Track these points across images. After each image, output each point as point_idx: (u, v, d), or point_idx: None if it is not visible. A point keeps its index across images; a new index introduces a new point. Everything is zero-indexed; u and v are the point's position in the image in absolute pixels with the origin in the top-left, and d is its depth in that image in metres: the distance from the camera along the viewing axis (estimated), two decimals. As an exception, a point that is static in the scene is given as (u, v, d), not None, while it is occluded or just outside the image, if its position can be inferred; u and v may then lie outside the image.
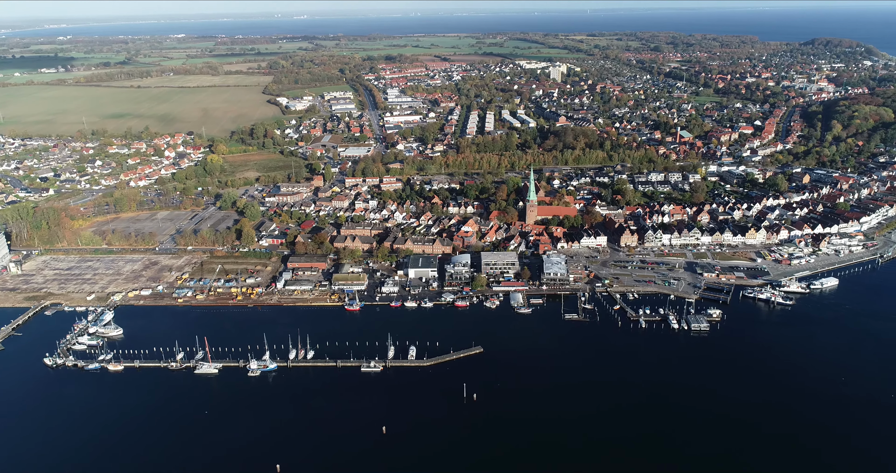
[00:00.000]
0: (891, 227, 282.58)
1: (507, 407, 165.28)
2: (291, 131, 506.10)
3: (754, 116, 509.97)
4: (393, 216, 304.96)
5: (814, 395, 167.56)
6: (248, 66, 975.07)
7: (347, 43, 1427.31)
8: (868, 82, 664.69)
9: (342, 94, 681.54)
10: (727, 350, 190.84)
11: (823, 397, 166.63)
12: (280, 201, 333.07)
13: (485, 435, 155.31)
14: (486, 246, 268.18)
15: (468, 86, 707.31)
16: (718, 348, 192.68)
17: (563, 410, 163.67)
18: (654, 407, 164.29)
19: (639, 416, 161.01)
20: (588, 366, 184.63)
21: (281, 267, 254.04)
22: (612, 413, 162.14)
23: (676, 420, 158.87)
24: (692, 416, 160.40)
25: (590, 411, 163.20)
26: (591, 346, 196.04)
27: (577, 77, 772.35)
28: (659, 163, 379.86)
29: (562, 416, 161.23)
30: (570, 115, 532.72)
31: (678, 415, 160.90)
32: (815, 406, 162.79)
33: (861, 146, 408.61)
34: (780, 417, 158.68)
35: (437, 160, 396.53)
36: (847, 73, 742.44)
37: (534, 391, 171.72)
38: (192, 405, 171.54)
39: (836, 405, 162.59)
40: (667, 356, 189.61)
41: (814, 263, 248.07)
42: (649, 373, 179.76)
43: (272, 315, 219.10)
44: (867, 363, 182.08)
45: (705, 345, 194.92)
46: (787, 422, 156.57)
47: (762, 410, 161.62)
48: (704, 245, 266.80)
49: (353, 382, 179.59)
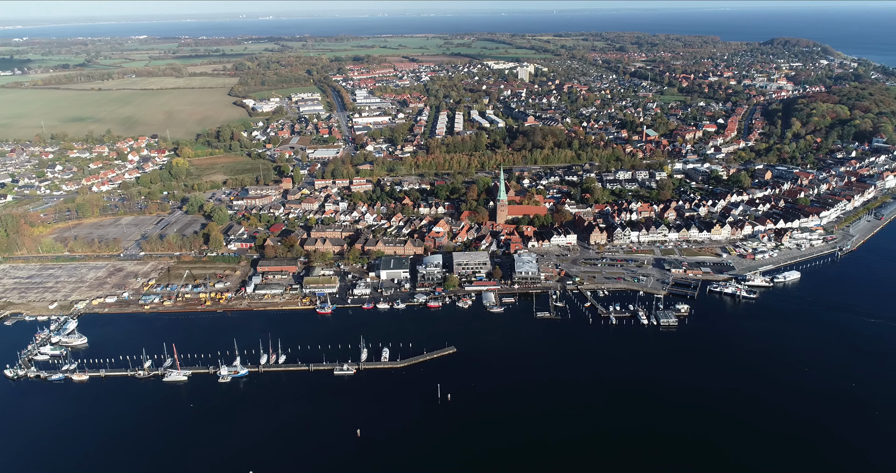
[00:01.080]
0: (849, 221, 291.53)
1: (482, 407, 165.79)
2: (259, 134, 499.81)
3: (717, 115, 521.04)
4: (364, 218, 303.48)
5: (779, 384, 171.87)
6: (212, 67, 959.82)
7: (314, 44, 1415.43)
8: (825, 81, 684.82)
9: (310, 95, 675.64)
10: (696, 344, 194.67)
11: (788, 386, 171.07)
12: (248, 205, 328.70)
13: (460, 435, 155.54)
14: (457, 246, 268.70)
15: (437, 86, 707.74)
16: (687, 341, 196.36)
17: (537, 407, 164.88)
18: (628, 401, 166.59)
19: (613, 411, 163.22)
20: (561, 363, 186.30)
21: (250, 271, 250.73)
22: (586, 409, 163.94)
23: (651, 413, 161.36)
24: (665, 408, 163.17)
25: (565, 407, 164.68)
26: (564, 343, 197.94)
27: (544, 77, 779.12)
28: (626, 161, 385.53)
29: (537, 414, 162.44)
30: (538, 114, 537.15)
31: (652, 408, 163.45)
32: (780, 395, 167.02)
33: (819, 143, 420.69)
34: (747, 405, 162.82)
35: (407, 161, 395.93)
36: (805, 72, 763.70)
37: (508, 390, 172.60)
38: (161, 413, 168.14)
39: (801, 394, 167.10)
40: (637, 351, 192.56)
41: (776, 257, 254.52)
42: (621, 368, 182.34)
43: (242, 320, 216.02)
44: (829, 353, 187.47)
45: (674, 339, 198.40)
46: (754, 410, 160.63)
47: (731, 399, 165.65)
48: (672, 242, 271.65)
49: (326, 385, 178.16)
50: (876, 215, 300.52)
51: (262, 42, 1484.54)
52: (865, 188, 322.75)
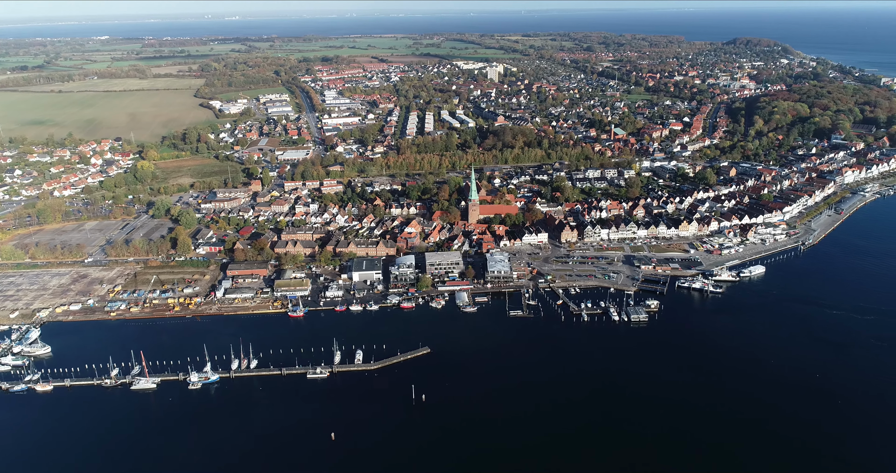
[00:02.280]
0: (810, 216, 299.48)
1: (457, 406, 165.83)
2: (226, 135, 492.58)
3: (683, 113, 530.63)
4: (335, 219, 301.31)
5: (746, 375, 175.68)
6: (177, 68, 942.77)
7: (282, 44, 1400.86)
8: (785, 80, 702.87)
9: (278, 96, 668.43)
10: (666, 339, 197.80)
11: (755, 377, 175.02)
12: (217, 208, 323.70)
13: (436, 436, 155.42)
14: (429, 247, 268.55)
15: (407, 87, 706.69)
16: (657, 337, 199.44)
17: (513, 407, 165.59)
18: (604, 398, 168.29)
19: (589, 408, 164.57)
20: (535, 361, 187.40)
21: (220, 275, 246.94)
22: (562, 407, 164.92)
23: (626, 408, 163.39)
24: (640, 402, 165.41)
25: (540, 405, 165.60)
26: (537, 341, 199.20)
27: (513, 77, 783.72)
28: (595, 160, 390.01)
29: (513, 412, 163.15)
30: (508, 114, 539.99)
31: (627, 403, 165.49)
32: (748, 385, 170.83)
33: (781, 140, 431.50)
34: (718, 396, 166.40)
35: (378, 162, 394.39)
36: (766, 71, 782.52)
37: (483, 390, 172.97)
38: (129, 423, 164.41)
39: (768, 385, 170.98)
40: (610, 347, 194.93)
41: (742, 252, 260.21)
42: (594, 365, 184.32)
43: (212, 325, 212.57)
44: (794, 344, 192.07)
45: (645, 335, 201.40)
46: (724, 401, 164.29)
47: (702, 391, 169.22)
48: (641, 238, 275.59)
49: (299, 389, 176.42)
50: (836, 209, 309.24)
51: (229, 43, 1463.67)
52: (825, 184, 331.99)
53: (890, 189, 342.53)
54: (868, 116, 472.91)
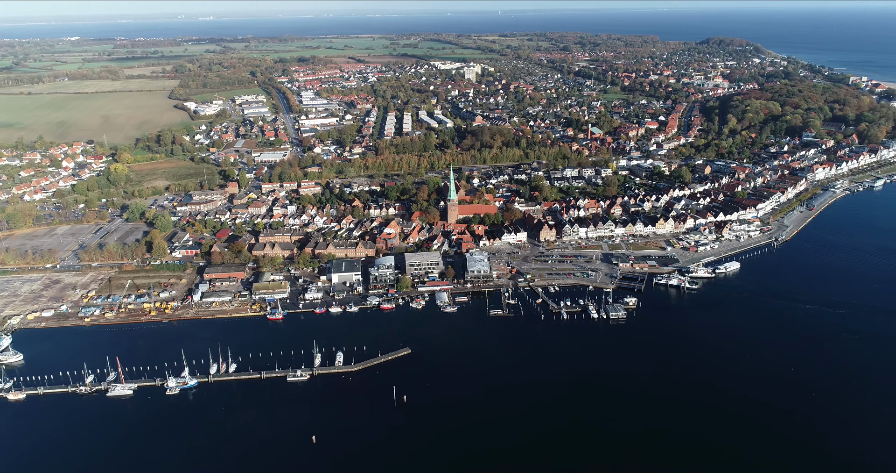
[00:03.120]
0: (783, 212, 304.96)
1: (439, 406, 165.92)
2: (202, 137, 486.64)
3: (658, 112, 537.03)
4: (313, 221, 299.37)
5: (723, 369, 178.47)
6: (151, 69, 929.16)
7: (257, 45, 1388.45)
8: (757, 78, 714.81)
9: (254, 97, 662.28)
10: (644, 335, 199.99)
11: (731, 371, 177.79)
12: (193, 210, 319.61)
13: (418, 436, 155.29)
14: (409, 247, 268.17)
15: (384, 87, 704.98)
16: (636, 333, 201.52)
17: (496, 405, 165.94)
18: (584, 395, 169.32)
19: (571, 405, 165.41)
20: (516, 360, 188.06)
21: (197, 279, 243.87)
22: (545, 405, 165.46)
23: (607, 405, 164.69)
24: (621, 398, 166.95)
25: (524, 404, 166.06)
26: (517, 340, 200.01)
27: (491, 77, 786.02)
28: (573, 159, 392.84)
29: (496, 412, 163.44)
30: (485, 114, 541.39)
31: (609, 399, 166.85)
32: (725, 379, 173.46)
33: (754, 138, 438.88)
34: (696, 390, 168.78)
35: (356, 163, 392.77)
36: (739, 70, 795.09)
37: (464, 390, 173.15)
38: (105, 430, 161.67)
39: (743, 378, 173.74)
40: (589, 344, 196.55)
41: (717, 249, 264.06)
42: (575, 363, 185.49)
43: (190, 330, 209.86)
44: (769, 338, 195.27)
45: (624, 332, 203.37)
46: (703, 394, 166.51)
47: (679, 385, 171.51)
48: (618, 236, 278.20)
49: (279, 393, 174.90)
50: (808, 205, 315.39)
51: (203, 43, 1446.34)
52: (797, 181, 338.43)
53: (859, 186, 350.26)
54: (837, 114, 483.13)
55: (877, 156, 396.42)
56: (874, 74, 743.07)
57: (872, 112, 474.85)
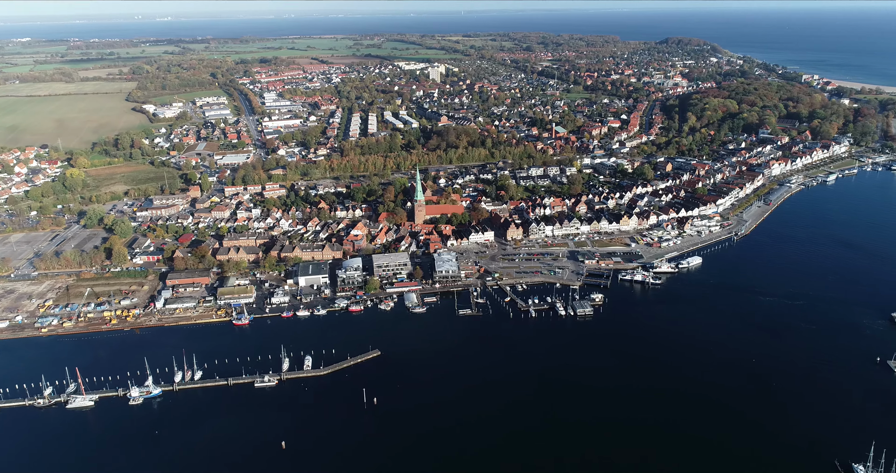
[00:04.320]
0: (742, 207, 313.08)
1: (409, 407, 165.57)
2: (162, 140, 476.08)
3: (620, 111, 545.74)
4: (278, 224, 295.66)
5: (688, 361, 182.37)
6: (107, 71, 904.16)
7: (218, 46, 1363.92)
8: (715, 77, 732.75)
9: (215, 99, 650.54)
10: (611, 330, 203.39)
11: (696, 362, 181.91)
12: (154, 215, 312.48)
13: (389, 438, 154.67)
14: (376, 248, 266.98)
15: (348, 88, 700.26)
16: (603, 329, 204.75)
17: (465, 404, 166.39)
18: (555, 391, 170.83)
19: (542, 402, 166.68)
20: (486, 359, 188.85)
21: (159, 285, 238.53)
22: (516, 403, 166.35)
23: (578, 400, 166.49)
24: (592, 392, 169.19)
25: (494, 403, 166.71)
26: (487, 339, 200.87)
27: (455, 77, 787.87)
28: (538, 158, 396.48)
29: (465, 410, 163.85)
30: (451, 114, 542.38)
31: (579, 394, 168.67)
32: (689, 371, 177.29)
33: (713, 135, 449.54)
34: (663, 383, 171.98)
35: (322, 164, 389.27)
36: (697, 69, 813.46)
37: (434, 390, 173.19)
38: (66, 443, 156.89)
39: (707, 369, 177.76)
40: (558, 341, 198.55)
41: (680, 244, 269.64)
42: (545, 360, 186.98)
43: (153, 337, 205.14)
44: (731, 331, 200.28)
45: (591, 327, 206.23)
46: (669, 386, 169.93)
47: (646, 377, 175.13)
48: (584, 234, 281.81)
49: (247, 399, 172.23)
50: (765, 200, 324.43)
51: (161, 44, 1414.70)
52: (755, 176, 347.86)
53: (813, 180, 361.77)
54: (791, 111, 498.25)
55: (829, 151, 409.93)
56: (825, 72, 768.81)
57: (824, 109, 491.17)
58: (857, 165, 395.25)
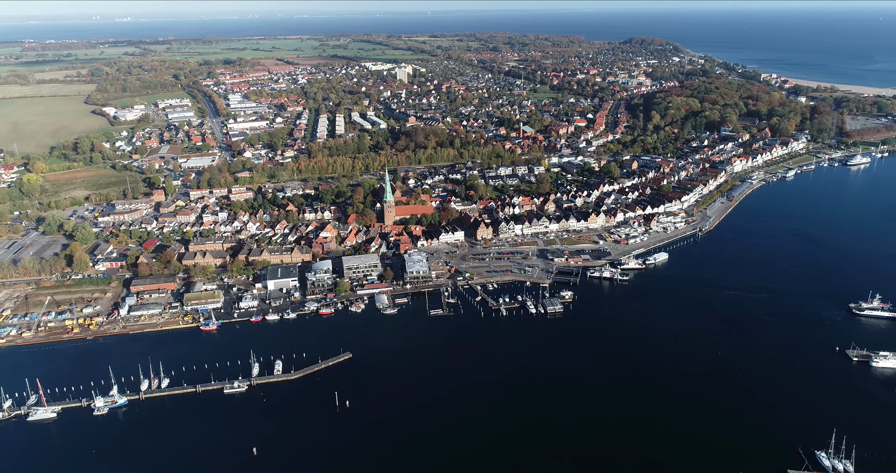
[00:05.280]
0: (705, 203, 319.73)
1: (382, 410, 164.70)
2: (123, 144, 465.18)
3: (586, 110, 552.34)
4: (246, 227, 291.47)
5: (656, 356, 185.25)
6: (65, 73, 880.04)
7: (180, 47, 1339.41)
8: (678, 76, 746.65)
9: (179, 101, 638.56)
10: (581, 327, 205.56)
11: (664, 357, 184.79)
12: (116, 221, 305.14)
13: (362, 441, 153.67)
14: (346, 250, 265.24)
15: (315, 89, 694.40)
16: (573, 326, 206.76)
17: (439, 406, 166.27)
18: (528, 390, 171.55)
19: (516, 402, 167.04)
20: (458, 359, 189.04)
21: (123, 292, 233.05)
22: (489, 403, 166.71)
23: (552, 397, 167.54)
24: (564, 389, 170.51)
25: (467, 404, 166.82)
26: (459, 339, 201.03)
27: (422, 77, 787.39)
28: (506, 158, 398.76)
29: (440, 412, 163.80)
30: (419, 115, 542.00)
31: (552, 392, 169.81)
32: (658, 365, 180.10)
33: (677, 133, 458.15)
34: (635, 377, 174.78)
35: (289, 166, 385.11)
36: (660, 68, 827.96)
37: (407, 391, 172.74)
38: (27, 458, 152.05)
39: (675, 363, 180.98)
40: (529, 339, 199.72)
41: (647, 240, 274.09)
42: (517, 358, 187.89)
43: (117, 346, 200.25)
44: (697, 324, 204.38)
45: (562, 325, 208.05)
46: (638, 379, 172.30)
47: (617, 372, 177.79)
48: (553, 232, 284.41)
49: (216, 405, 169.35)
50: (728, 196, 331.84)
51: (121, 45, 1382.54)
52: (717, 173, 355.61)
53: (773, 176, 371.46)
54: (751, 109, 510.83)
55: (788, 148, 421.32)
56: (783, 71, 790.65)
57: (782, 107, 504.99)
58: (814, 161, 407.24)
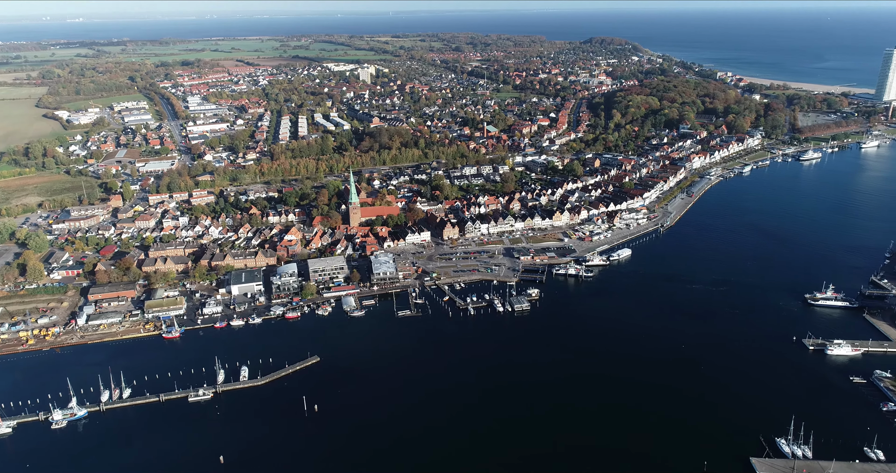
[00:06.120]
0: (666, 200, 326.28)
1: (352, 413, 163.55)
2: (78, 148, 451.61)
3: (549, 109, 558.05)
4: (208, 232, 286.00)
5: (622, 350, 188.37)
6: (13, 76, 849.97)
7: (135, 48, 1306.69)
8: (637, 75, 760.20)
9: (135, 104, 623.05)
10: (548, 324, 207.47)
11: (630, 351, 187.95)
12: (72, 227, 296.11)
13: (331, 445, 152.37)
14: (312, 253, 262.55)
15: (276, 90, 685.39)
16: (541, 323, 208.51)
17: (410, 407, 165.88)
18: (499, 389, 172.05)
19: (486, 401, 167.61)
20: (427, 360, 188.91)
21: (81, 301, 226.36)
22: (460, 404, 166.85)
23: (521, 395, 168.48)
24: (534, 387, 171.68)
25: (436, 405, 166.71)
26: (427, 339, 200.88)
27: (386, 78, 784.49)
28: (471, 157, 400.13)
29: (407, 411, 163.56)
30: (382, 115, 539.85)
31: (522, 390, 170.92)
32: (625, 359, 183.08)
33: (637, 131, 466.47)
34: (602, 371, 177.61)
35: (251, 169, 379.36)
36: (620, 67, 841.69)
37: (376, 394, 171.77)
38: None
39: (640, 357, 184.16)
40: (498, 338, 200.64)
41: (610, 237, 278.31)
42: (486, 358, 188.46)
43: (76, 356, 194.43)
44: (661, 318, 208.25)
45: (529, 322, 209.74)
46: (609, 375, 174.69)
47: (584, 367, 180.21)
48: (518, 231, 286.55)
49: (181, 415, 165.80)
50: (687, 192, 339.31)
51: (73, 47, 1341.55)
52: (677, 170, 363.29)
53: (731, 172, 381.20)
54: (708, 106, 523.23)
55: (744, 144, 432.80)
56: (738, 69, 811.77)
57: (738, 104, 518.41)
58: (769, 156, 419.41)
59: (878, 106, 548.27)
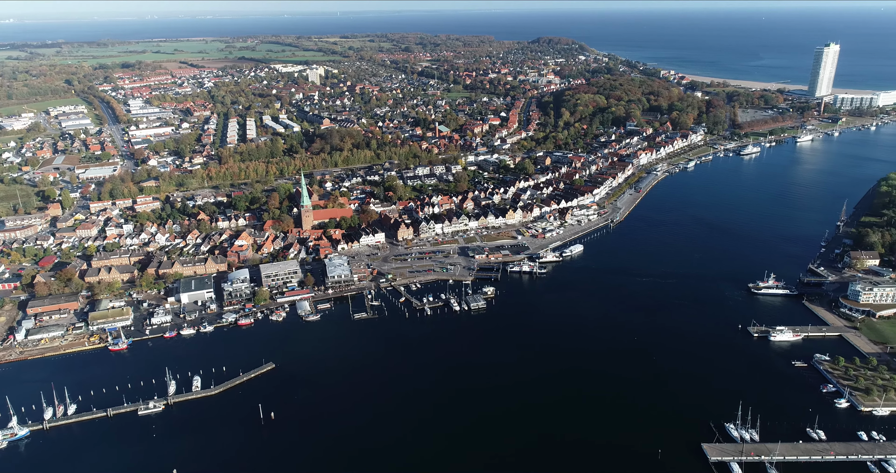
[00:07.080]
0: (615, 196, 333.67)
1: (308, 420, 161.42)
2: (11, 155, 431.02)
3: (500, 109, 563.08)
4: (154, 239, 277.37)
5: (577, 344, 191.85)
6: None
7: (72, 50, 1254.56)
8: (584, 74, 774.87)
9: (73, 108, 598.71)
10: (505, 322, 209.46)
11: (584, 344, 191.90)
12: (8, 238, 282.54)
13: (288, 453, 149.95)
14: (264, 258, 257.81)
15: (223, 92, 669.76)
16: (497, 321, 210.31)
17: (365, 408, 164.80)
18: (458, 390, 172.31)
19: (445, 403, 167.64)
20: (384, 362, 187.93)
21: (18, 315, 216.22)
22: (417, 404, 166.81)
23: (481, 395, 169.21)
24: (492, 387, 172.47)
25: (394, 408, 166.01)
26: (384, 341, 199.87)
27: (335, 79, 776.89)
28: (423, 157, 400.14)
29: (366, 414, 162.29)
30: (333, 117, 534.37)
31: (480, 387, 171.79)
32: (579, 350, 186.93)
33: (586, 129, 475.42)
34: (557, 361, 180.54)
35: (198, 173, 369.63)
36: (568, 67, 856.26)
37: (334, 398, 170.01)
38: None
39: (595, 350, 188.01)
40: (455, 337, 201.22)
41: (563, 234, 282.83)
42: (443, 358, 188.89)
43: (14, 373, 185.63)
44: (613, 312, 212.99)
45: (486, 320, 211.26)
46: (563, 369, 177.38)
47: (539, 362, 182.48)
48: (472, 230, 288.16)
49: (131, 429, 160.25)
50: (636, 188, 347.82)
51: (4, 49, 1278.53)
52: (625, 166, 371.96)
53: (676, 167, 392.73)
54: (653, 104, 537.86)
55: (687, 140, 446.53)
56: (679, 67, 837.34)
57: (681, 102, 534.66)
58: (711, 151, 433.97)
59: (811, 102, 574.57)
